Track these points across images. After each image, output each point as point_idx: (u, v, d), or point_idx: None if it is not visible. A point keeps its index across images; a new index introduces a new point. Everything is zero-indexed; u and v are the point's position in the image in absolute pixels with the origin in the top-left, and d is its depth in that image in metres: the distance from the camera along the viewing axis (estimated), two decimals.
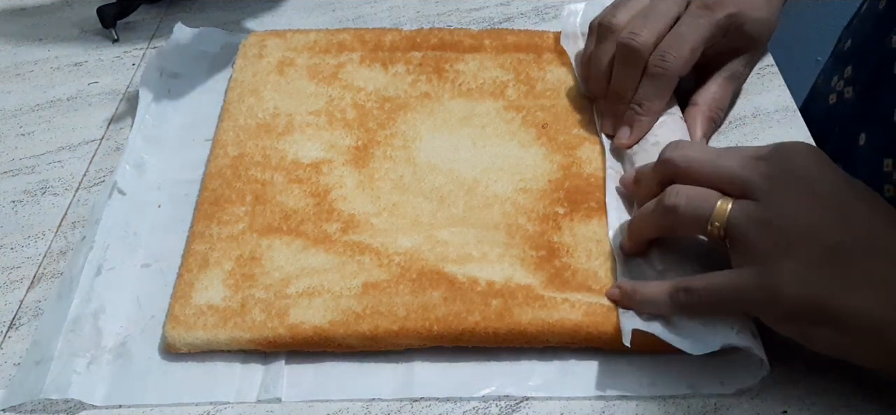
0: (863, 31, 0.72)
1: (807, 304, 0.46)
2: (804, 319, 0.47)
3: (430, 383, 0.52)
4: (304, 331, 0.52)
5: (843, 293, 0.45)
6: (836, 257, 0.46)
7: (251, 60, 0.71)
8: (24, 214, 0.63)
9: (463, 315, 0.53)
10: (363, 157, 0.64)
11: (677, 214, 0.51)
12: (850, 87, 0.69)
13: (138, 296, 0.56)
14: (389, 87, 0.70)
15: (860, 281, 0.45)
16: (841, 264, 0.46)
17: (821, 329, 0.47)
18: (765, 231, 0.47)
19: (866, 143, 0.64)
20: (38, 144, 0.69)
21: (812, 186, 0.48)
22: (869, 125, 0.64)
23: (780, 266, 0.46)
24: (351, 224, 0.59)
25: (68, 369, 0.51)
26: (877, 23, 0.69)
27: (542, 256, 0.57)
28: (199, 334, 0.52)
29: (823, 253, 0.46)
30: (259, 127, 0.66)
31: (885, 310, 0.45)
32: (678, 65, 0.61)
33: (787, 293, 0.46)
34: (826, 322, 0.46)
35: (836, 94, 0.71)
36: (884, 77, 0.64)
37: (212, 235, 0.58)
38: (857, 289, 0.45)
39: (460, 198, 0.61)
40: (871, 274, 0.45)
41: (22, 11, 0.82)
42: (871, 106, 0.65)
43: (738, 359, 0.51)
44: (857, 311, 0.45)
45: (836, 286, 0.45)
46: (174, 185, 0.63)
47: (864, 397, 0.51)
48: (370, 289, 0.54)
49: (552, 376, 0.53)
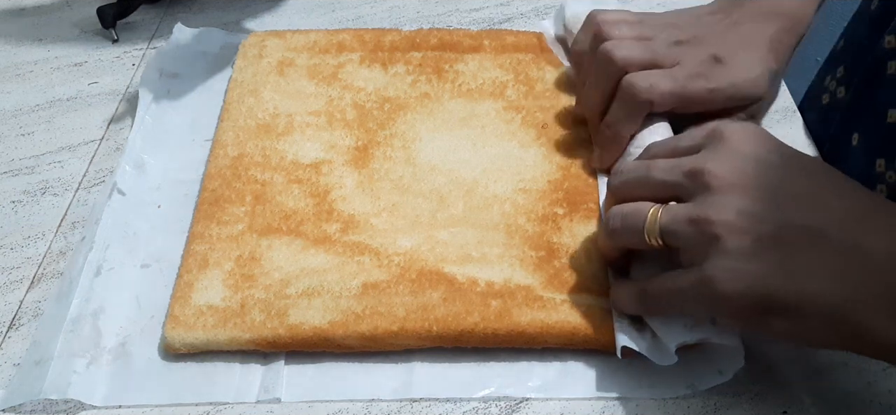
0: (856, 32, 0.72)
1: (747, 298, 0.45)
2: (753, 311, 0.46)
3: (430, 384, 0.52)
4: (304, 331, 0.52)
5: (784, 283, 0.45)
6: (772, 247, 0.45)
7: (251, 61, 0.71)
8: (24, 215, 0.63)
9: (462, 316, 0.53)
10: (363, 157, 0.64)
11: (618, 236, 0.52)
12: (842, 87, 0.69)
13: (138, 296, 0.56)
14: (389, 88, 0.70)
15: (800, 269, 0.45)
16: (779, 253, 0.45)
17: (774, 320, 0.46)
18: (693, 230, 0.47)
19: (859, 142, 0.64)
20: (38, 145, 0.68)
21: (742, 175, 0.47)
22: (862, 125, 0.64)
23: (712, 263, 0.46)
24: (351, 224, 0.59)
25: (68, 370, 0.51)
26: (870, 23, 0.69)
27: (541, 257, 0.57)
28: (199, 334, 0.52)
29: (756, 244, 0.45)
30: (259, 127, 0.66)
31: (834, 296, 0.44)
32: (652, 94, 0.60)
33: (722, 290, 0.46)
34: (777, 313, 0.45)
35: (828, 94, 0.71)
36: (877, 77, 0.64)
37: (211, 236, 0.58)
38: (797, 278, 0.45)
39: (460, 198, 0.61)
40: (811, 261, 0.45)
41: (22, 11, 0.82)
42: (865, 106, 0.65)
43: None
44: (807, 299, 0.45)
45: (778, 276, 0.45)
46: (174, 185, 0.63)
47: (864, 397, 0.51)
48: (370, 289, 0.54)
49: (551, 376, 0.53)
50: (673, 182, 0.49)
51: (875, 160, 0.62)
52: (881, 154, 0.62)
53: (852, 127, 0.65)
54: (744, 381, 0.52)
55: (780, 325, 0.46)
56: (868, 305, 0.44)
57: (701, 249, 0.46)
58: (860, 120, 0.65)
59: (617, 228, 0.52)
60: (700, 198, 0.47)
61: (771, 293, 0.45)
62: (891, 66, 0.62)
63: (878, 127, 0.62)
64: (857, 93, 0.67)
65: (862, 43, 0.69)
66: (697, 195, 0.48)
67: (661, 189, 0.50)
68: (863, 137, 0.64)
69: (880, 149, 0.62)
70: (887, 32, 0.64)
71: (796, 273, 0.45)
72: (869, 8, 0.69)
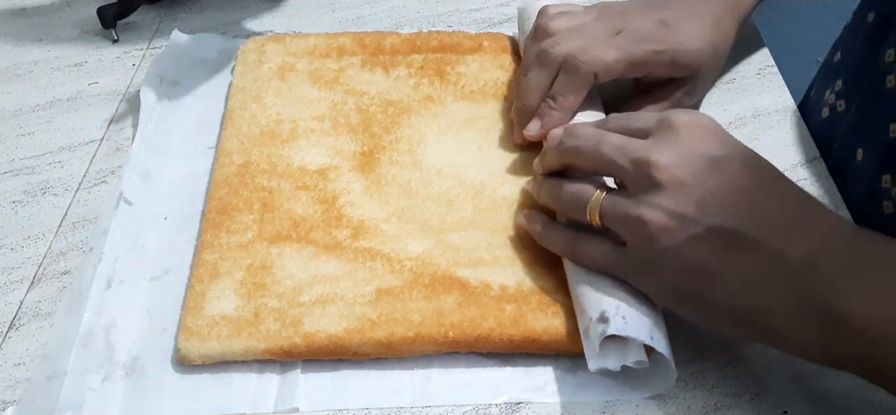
0: (852, 44, 0.72)
1: (666, 290, 0.50)
2: (672, 300, 0.50)
3: (449, 391, 0.52)
4: (320, 339, 0.52)
5: (701, 283, 0.48)
6: (693, 249, 0.48)
7: (251, 67, 0.71)
8: (25, 215, 0.63)
9: (478, 321, 0.53)
10: (369, 162, 0.64)
11: (563, 204, 0.55)
12: (842, 101, 0.70)
13: (149, 309, 0.56)
14: (392, 91, 0.69)
15: (718, 272, 0.48)
16: (699, 256, 0.48)
17: (688, 310, 0.50)
18: (628, 223, 0.50)
19: (864, 159, 0.64)
20: (38, 145, 0.68)
21: (683, 171, 0.49)
22: (865, 141, 0.64)
23: (643, 253, 0.50)
24: (360, 230, 0.59)
25: (82, 386, 0.51)
26: (867, 36, 0.69)
27: (550, 261, 0.57)
28: (213, 344, 0.52)
29: (681, 245, 0.48)
30: (263, 134, 0.65)
31: (745, 299, 0.47)
32: (595, 65, 0.61)
33: (648, 280, 0.50)
34: (693, 305, 0.49)
35: (828, 107, 0.71)
36: (878, 92, 0.64)
37: (221, 245, 0.57)
38: (713, 280, 0.48)
39: (468, 201, 0.61)
40: (730, 265, 0.48)
41: (22, 11, 0.81)
42: (867, 122, 0.65)
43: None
44: (721, 299, 0.48)
45: (692, 277, 0.48)
46: (179, 195, 0.63)
47: (864, 397, 0.52)
48: (384, 295, 0.55)
49: (550, 378, 0.53)
50: (619, 165, 0.51)
51: (881, 176, 0.62)
52: (886, 170, 0.62)
53: (855, 143, 0.65)
54: (744, 381, 0.53)
55: (694, 315, 0.50)
56: (780, 309, 0.47)
57: (635, 240, 0.50)
58: (862, 135, 0.65)
59: (565, 201, 0.55)
60: (640, 193, 0.50)
61: (685, 291, 0.49)
62: (890, 80, 0.63)
63: (882, 142, 0.62)
64: (858, 108, 0.67)
65: (859, 56, 0.69)
66: (639, 186, 0.50)
67: (606, 167, 0.53)
68: (866, 152, 0.64)
69: (885, 164, 0.62)
70: (887, 46, 0.64)
71: (713, 275, 0.48)
72: (865, 20, 0.69)
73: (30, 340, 0.55)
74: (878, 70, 0.64)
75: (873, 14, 0.68)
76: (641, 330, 0.50)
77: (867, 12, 0.69)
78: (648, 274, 0.50)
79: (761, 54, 0.76)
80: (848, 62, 0.71)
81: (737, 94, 0.72)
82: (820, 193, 0.64)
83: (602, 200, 0.52)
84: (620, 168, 0.51)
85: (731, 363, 0.54)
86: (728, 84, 0.73)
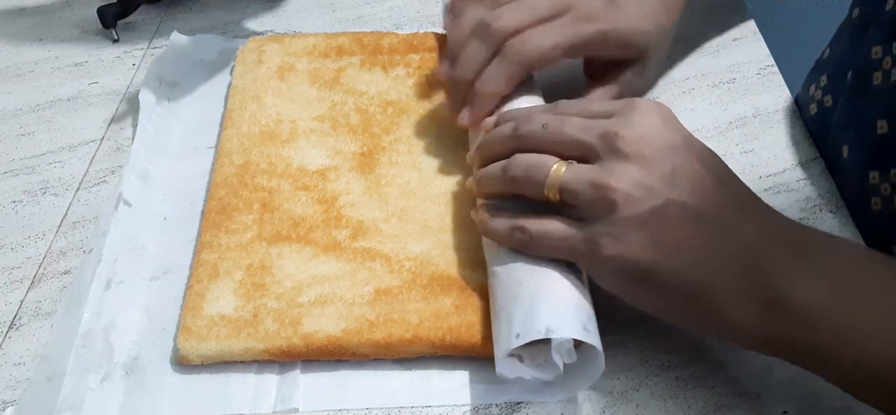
0: (839, 40, 0.71)
1: (622, 263, 0.49)
2: (623, 277, 0.49)
3: (447, 391, 0.52)
4: (319, 340, 0.52)
5: (656, 255, 0.48)
6: (654, 221, 0.48)
7: (251, 67, 0.71)
8: (25, 215, 0.63)
9: (475, 327, 0.53)
10: (369, 163, 0.64)
11: (517, 182, 0.53)
12: (828, 96, 0.69)
13: (148, 309, 0.56)
14: (391, 91, 0.69)
15: (673, 245, 0.48)
16: (660, 228, 0.48)
17: (639, 288, 0.50)
18: (593, 193, 0.49)
19: (850, 155, 0.64)
20: (38, 145, 0.68)
21: (648, 146, 0.49)
22: (851, 138, 0.64)
23: (603, 227, 0.49)
24: (360, 230, 0.59)
25: (82, 386, 0.51)
26: (852, 32, 0.69)
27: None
28: (212, 345, 0.52)
29: (644, 216, 0.48)
30: (263, 134, 0.65)
31: (695, 274, 0.48)
32: (532, 54, 0.61)
33: (604, 253, 0.49)
34: (642, 282, 0.49)
35: (815, 103, 0.71)
36: (863, 88, 0.64)
37: (220, 245, 0.57)
38: (668, 252, 0.48)
39: (467, 202, 0.61)
40: (684, 239, 0.48)
41: (22, 11, 0.82)
42: (853, 118, 0.65)
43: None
44: (671, 273, 0.48)
45: (651, 250, 0.48)
46: (178, 195, 0.63)
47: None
48: (382, 295, 0.55)
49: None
50: (586, 142, 0.51)
51: (868, 173, 0.62)
52: (874, 166, 0.62)
53: (842, 139, 0.65)
54: (744, 381, 0.53)
55: (644, 295, 0.50)
56: (725, 287, 0.47)
57: (596, 211, 0.49)
58: (848, 132, 0.65)
59: (518, 177, 0.53)
60: (606, 162, 0.50)
61: (641, 263, 0.48)
62: (877, 77, 0.62)
63: (868, 139, 0.62)
64: (842, 104, 0.67)
65: (843, 52, 0.69)
66: (605, 158, 0.50)
67: (571, 147, 0.52)
68: (852, 148, 0.64)
69: (872, 161, 0.62)
70: (872, 42, 0.63)
71: (668, 248, 0.48)
72: (851, 16, 0.69)
73: (30, 340, 0.55)
74: (864, 66, 0.63)
75: (858, 10, 0.68)
76: (575, 328, 0.49)
77: (853, 8, 0.69)
78: (603, 250, 0.49)
79: (761, 54, 0.76)
80: (832, 58, 0.71)
81: (737, 94, 0.72)
82: (820, 193, 0.64)
83: (562, 172, 0.51)
84: (587, 146, 0.51)
85: (731, 363, 0.54)
86: (728, 84, 0.73)
